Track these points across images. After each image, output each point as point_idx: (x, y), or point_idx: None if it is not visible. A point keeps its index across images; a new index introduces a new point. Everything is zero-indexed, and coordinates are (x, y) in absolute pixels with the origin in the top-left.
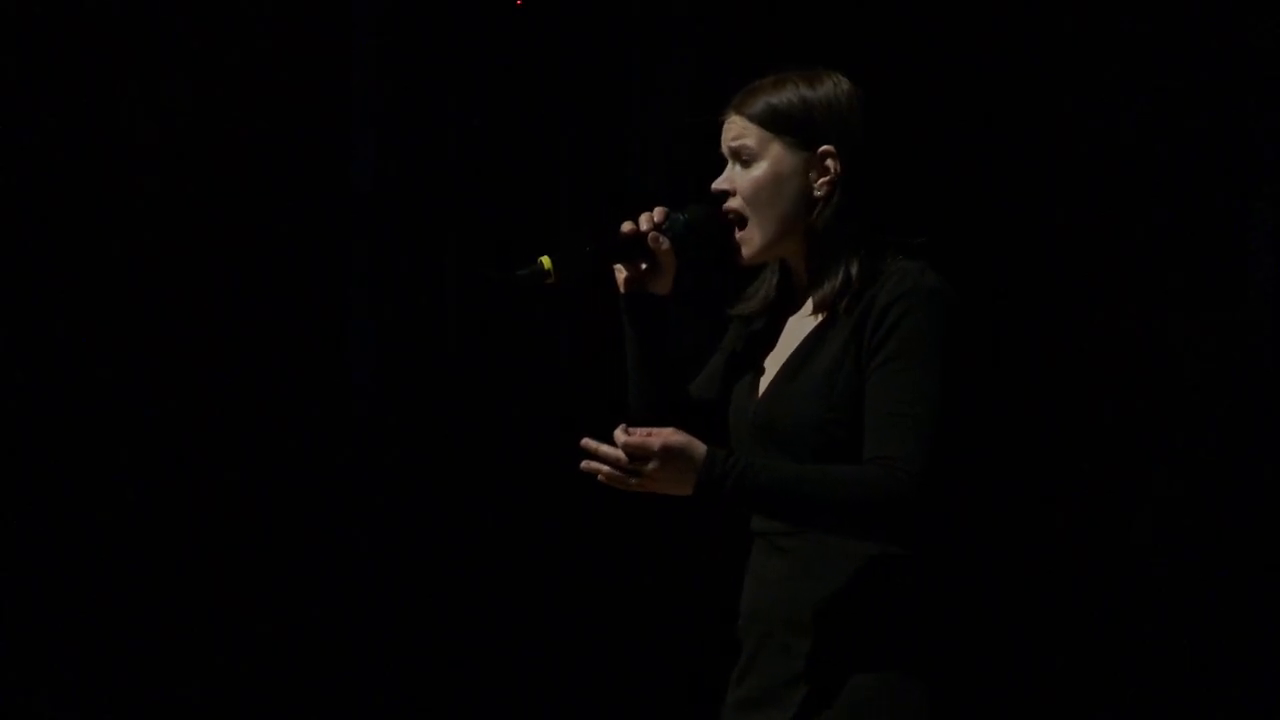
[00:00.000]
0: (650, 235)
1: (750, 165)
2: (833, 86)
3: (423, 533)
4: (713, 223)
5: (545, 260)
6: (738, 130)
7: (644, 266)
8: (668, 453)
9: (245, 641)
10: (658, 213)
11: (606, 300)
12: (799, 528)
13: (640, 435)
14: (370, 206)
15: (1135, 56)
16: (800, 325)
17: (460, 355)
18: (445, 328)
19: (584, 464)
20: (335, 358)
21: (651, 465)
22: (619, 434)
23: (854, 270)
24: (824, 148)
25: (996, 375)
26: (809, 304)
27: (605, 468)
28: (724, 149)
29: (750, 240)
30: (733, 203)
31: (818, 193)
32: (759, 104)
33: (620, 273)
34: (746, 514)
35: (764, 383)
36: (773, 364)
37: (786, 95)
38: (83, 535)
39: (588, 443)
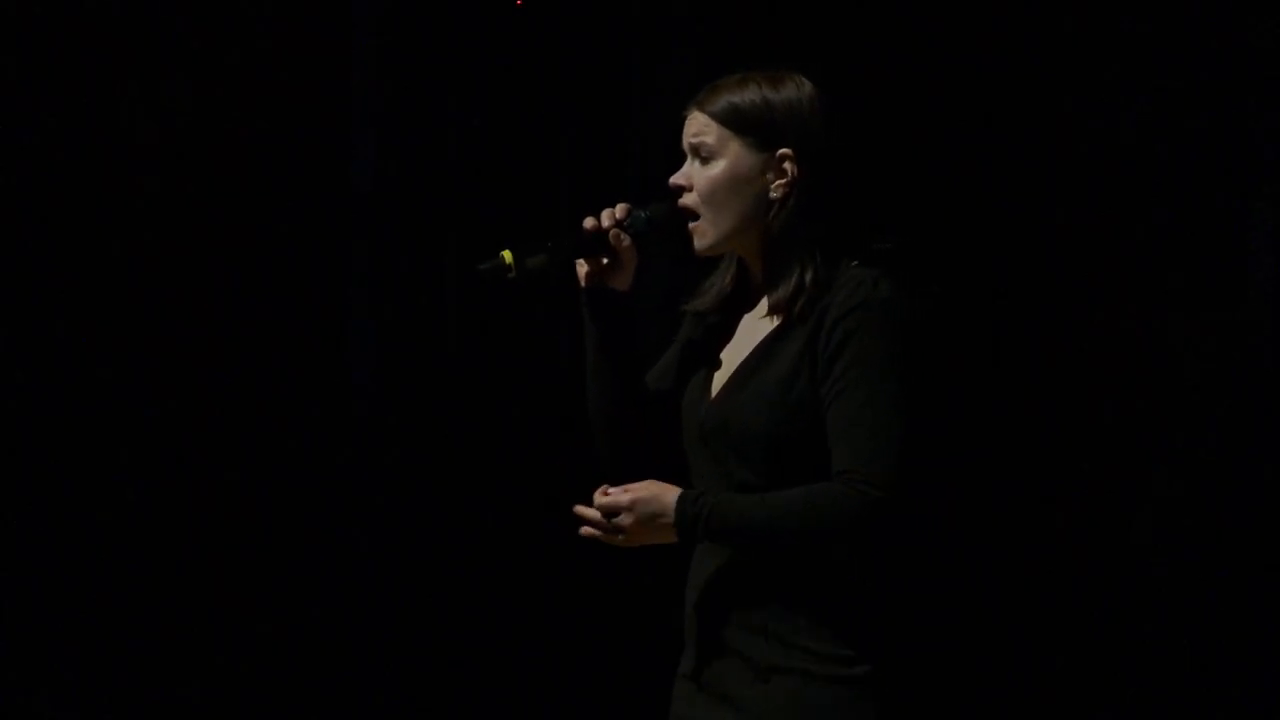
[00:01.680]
0: (611, 231)
1: (708, 163)
2: (795, 89)
3: (423, 533)
4: (674, 219)
5: (506, 254)
6: (698, 127)
7: (605, 262)
8: (636, 505)
9: (245, 641)
10: (619, 209)
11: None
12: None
13: (615, 494)
14: (370, 206)
15: (1135, 56)
16: (755, 327)
17: (460, 355)
18: (445, 328)
19: (581, 531)
20: (335, 358)
21: (627, 520)
22: (597, 495)
23: (809, 275)
24: (783, 150)
25: (973, 379)
26: (764, 305)
27: (596, 531)
28: (684, 145)
29: (704, 233)
30: (688, 199)
31: (774, 194)
32: (720, 102)
33: (582, 268)
34: None
35: (716, 384)
36: (726, 365)
37: (749, 95)
38: (83, 535)
39: (578, 510)
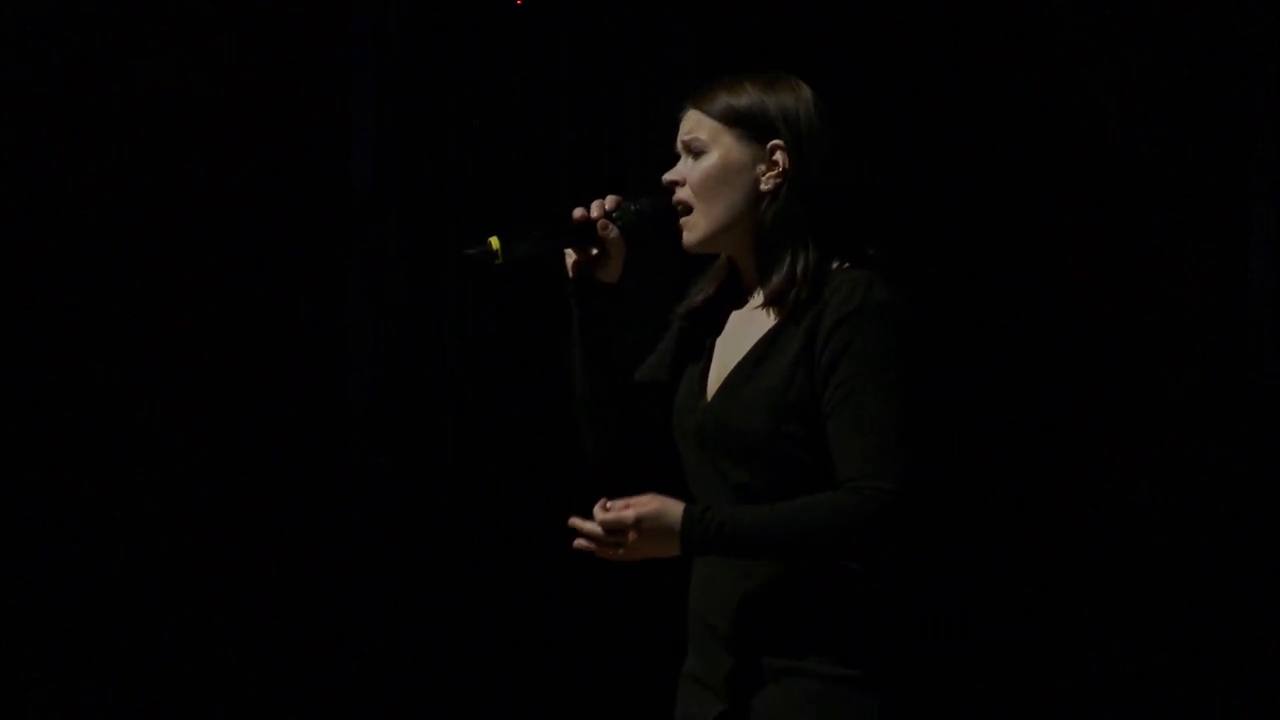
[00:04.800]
0: (599, 222)
1: (700, 156)
2: (790, 87)
3: (422, 534)
4: (665, 214)
5: (494, 240)
6: (692, 124)
7: (594, 252)
8: (643, 522)
9: (245, 642)
10: (609, 200)
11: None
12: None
13: (617, 509)
14: (370, 206)
15: (1135, 56)
16: (748, 328)
17: (460, 355)
18: (445, 328)
19: (575, 543)
20: (334, 358)
21: (632, 538)
22: (597, 510)
23: (799, 266)
24: (774, 142)
25: (970, 379)
26: (756, 303)
27: (592, 545)
28: (678, 144)
29: (694, 226)
30: (681, 193)
31: (765, 186)
32: (714, 98)
33: (569, 257)
34: None
35: (712, 385)
36: (721, 366)
37: (743, 92)
38: (80, 536)
39: (574, 521)
